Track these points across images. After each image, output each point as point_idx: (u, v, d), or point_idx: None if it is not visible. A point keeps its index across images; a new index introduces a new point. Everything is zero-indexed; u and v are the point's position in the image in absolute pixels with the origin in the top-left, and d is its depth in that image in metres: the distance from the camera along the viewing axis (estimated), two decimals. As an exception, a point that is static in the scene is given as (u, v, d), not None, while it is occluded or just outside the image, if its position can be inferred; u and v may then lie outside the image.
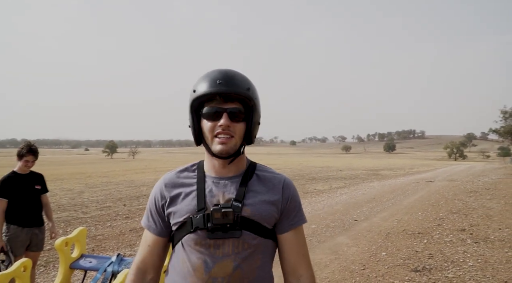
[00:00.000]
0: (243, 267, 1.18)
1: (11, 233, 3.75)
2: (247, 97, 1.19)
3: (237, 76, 1.21)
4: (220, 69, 1.23)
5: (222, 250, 1.18)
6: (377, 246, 6.34)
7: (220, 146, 1.18)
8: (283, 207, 1.26)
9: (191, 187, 1.27)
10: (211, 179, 1.27)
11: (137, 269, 1.31)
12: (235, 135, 1.19)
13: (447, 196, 12.94)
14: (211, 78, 1.19)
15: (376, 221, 8.54)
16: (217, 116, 1.18)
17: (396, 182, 19.94)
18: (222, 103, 1.18)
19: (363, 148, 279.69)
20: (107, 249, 6.44)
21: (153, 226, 1.31)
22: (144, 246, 1.33)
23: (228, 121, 1.17)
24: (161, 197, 1.30)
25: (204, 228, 1.18)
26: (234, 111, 1.18)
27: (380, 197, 13.10)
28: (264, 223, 1.22)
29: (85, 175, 26.29)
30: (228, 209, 1.16)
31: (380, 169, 34.36)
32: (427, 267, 5.24)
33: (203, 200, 1.22)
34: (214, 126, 1.18)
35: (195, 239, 1.20)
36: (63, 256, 2.68)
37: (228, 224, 1.16)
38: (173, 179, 1.32)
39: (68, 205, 11.56)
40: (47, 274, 5.18)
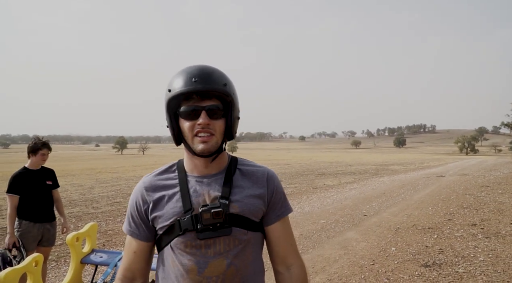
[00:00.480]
0: (236, 264, 1.17)
1: (23, 228, 3.80)
2: (225, 93, 1.16)
3: (213, 72, 1.18)
4: (195, 65, 1.20)
5: (213, 249, 1.16)
6: (387, 241, 6.31)
7: (202, 145, 1.15)
8: (269, 199, 1.25)
9: (174, 189, 1.23)
10: (194, 179, 1.23)
11: (124, 277, 1.26)
12: (215, 133, 1.16)
13: (458, 191, 12.81)
14: (186, 76, 1.15)
15: (386, 216, 8.50)
16: (195, 114, 1.15)
17: (406, 177, 19.79)
18: (200, 101, 1.15)
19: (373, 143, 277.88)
20: (118, 244, 6.51)
21: (136, 232, 1.27)
22: (129, 253, 1.28)
23: (207, 119, 1.14)
24: (142, 202, 1.25)
25: (193, 230, 1.15)
26: (212, 109, 1.15)
27: (390, 192, 13.02)
28: (252, 218, 1.21)
29: (95, 170, 26.55)
30: (218, 208, 1.14)
31: (390, 164, 34.12)
32: (437, 262, 5.21)
33: (188, 201, 1.18)
34: (193, 125, 1.15)
35: (185, 242, 1.17)
36: (74, 251, 2.71)
37: (218, 224, 1.14)
38: (154, 182, 1.27)
39: (79, 200, 11.70)
40: (59, 269, 5.25)
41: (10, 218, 3.71)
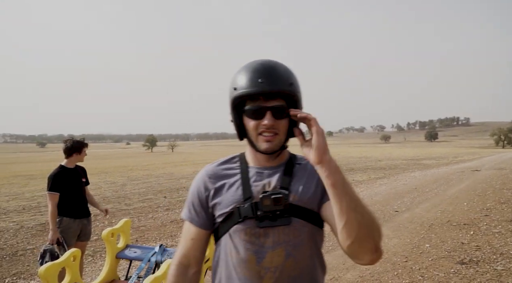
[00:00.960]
0: (295, 255, 1.15)
1: (64, 225, 3.96)
2: (290, 93, 1.16)
3: (279, 71, 1.17)
4: (260, 63, 1.19)
5: (272, 238, 1.15)
6: (420, 238, 6.16)
7: (266, 144, 1.16)
8: (322, 190, 1.21)
9: (235, 177, 1.25)
10: (255, 170, 1.25)
11: (179, 264, 1.28)
12: (279, 132, 1.17)
13: (494, 186, 12.33)
14: (251, 75, 1.15)
15: (418, 212, 8.28)
16: (260, 114, 1.15)
17: (439, 171, 19.22)
18: (265, 101, 1.15)
19: (403, 137, 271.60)
20: (150, 240, 6.65)
21: (195, 219, 1.29)
22: (187, 239, 1.29)
23: (272, 120, 1.14)
24: (204, 189, 1.28)
25: (253, 217, 1.15)
26: (277, 109, 1.15)
27: (422, 187, 12.68)
28: (313, 208, 1.19)
29: (127, 168, 27.24)
30: (278, 195, 1.13)
31: (422, 158, 33.24)
32: (474, 259, 5.04)
33: (248, 189, 1.20)
34: (258, 124, 1.16)
35: (244, 229, 1.17)
36: (110, 246, 2.79)
37: (278, 211, 1.13)
38: (216, 170, 1.30)
39: (112, 197, 12.03)
40: (95, 263, 5.42)
41: (52, 215, 3.87)
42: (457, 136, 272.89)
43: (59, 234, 3.88)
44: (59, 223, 3.95)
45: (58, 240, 3.85)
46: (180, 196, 12.04)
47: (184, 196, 11.96)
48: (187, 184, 15.23)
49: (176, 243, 6.36)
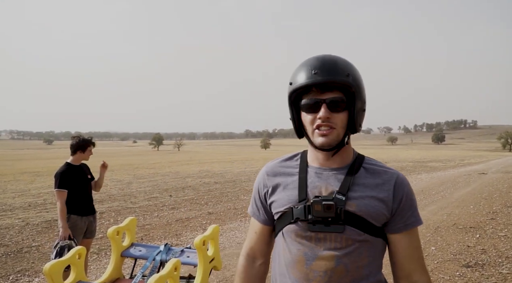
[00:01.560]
0: (346, 263, 1.11)
1: (71, 222, 3.98)
2: (347, 84, 1.10)
3: (335, 63, 1.12)
4: (316, 56, 1.16)
5: (323, 243, 1.12)
6: (426, 241, 6.12)
7: (321, 139, 1.12)
8: (395, 206, 1.15)
9: (293, 177, 1.23)
10: (314, 170, 1.21)
11: (246, 255, 1.34)
12: (336, 127, 1.12)
13: (501, 189, 12.23)
14: (306, 69, 1.12)
15: (425, 215, 8.23)
16: (316, 107, 1.12)
17: (445, 174, 19.09)
18: (320, 94, 1.11)
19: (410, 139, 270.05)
20: (155, 238, 6.68)
21: (257, 214, 1.32)
22: (252, 233, 1.34)
23: (328, 113, 1.10)
24: (263, 186, 1.29)
25: (305, 220, 1.13)
26: (333, 101, 1.11)
27: (429, 189, 12.61)
28: (371, 220, 1.12)
29: (133, 166, 27.33)
30: (330, 202, 1.09)
31: (428, 160, 33.04)
32: (480, 262, 5.00)
33: (304, 191, 1.17)
34: (314, 118, 1.12)
35: (296, 231, 1.16)
36: (115, 244, 2.79)
37: (329, 218, 1.10)
38: (275, 168, 1.29)
39: (118, 195, 12.09)
40: (99, 261, 5.45)
41: (62, 212, 3.89)
42: (464, 139, 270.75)
43: (70, 231, 3.91)
44: (67, 220, 3.97)
45: (70, 236, 3.88)
46: (186, 195, 12.07)
47: (190, 195, 12.01)
48: (193, 183, 15.27)
49: (181, 242, 6.39)
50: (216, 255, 2.74)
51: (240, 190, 13.32)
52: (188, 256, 2.81)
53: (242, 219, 8.25)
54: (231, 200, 11.05)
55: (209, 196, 11.73)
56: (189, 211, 9.21)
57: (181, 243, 6.27)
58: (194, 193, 12.39)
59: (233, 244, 6.19)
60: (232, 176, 18.28)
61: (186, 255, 2.82)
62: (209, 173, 20.58)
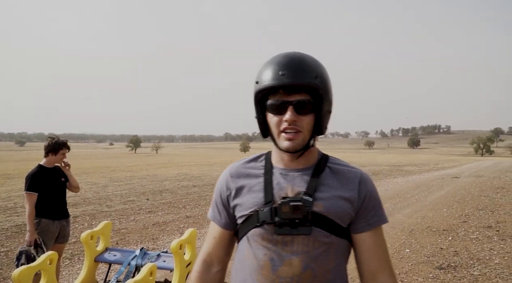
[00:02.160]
0: (313, 268, 1.07)
1: (42, 226, 3.85)
2: (315, 86, 1.07)
3: (303, 64, 1.08)
4: (284, 55, 1.12)
5: (290, 247, 1.08)
6: (401, 243, 6.24)
7: (287, 143, 1.09)
8: (359, 205, 1.14)
9: (258, 179, 1.18)
10: (279, 171, 1.18)
11: (202, 261, 1.27)
12: (303, 129, 1.09)
13: (473, 192, 12.60)
14: (274, 68, 1.08)
15: (400, 218, 8.39)
16: (282, 109, 1.08)
17: (420, 178, 19.53)
18: (287, 95, 1.08)
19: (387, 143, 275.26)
20: (131, 243, 6.56)
21: (218, 218, 1.26)
22: (210, 238, 1.28)
23: (294, 115, 1.07)
24: (226, 188, 1.24)
25: (272, 223, 1.09)
26: (300, 103, 1.07)
27: (404, 193, 12.87)
28: (338, 221, 1.10)
29: (109, 169, 26.85)
30: (298, 202, 1.06)
31: (404, 164, 33.73)
32: (452, 264, 5.13)
33: (270, 193, 1.13)
34: (280, 120, 1.09)
35: (261, 234, 1.11)
36: (89, 249, 2.74)
37: (297, 220, 1.06)
38: (240, 169, 1.25)
39: (93, 198, 11.83)
40: (72, 266, 5.31)
41: (30, 216, 3.76)
42: (438, 143, 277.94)
43: (37, 236, 3.78)
44: (37, 224, 3.84)
45: (36, 241, 3.75)
46: (163, 198, 11.93)
47: (168, 198, 11.87)
48: (171, 186, 15.11)
49: (158, 246, 6.30)
50: (193, 259, 2.71)
51: (219, 193, 13.24)
52: (165, 260, 2.78)
53: (220, 222, 8.19)
54: (209, 203, 10.95)
55: (187, 200, 11.62)
56: (166, 215, 9.09)
57: (157, 248, 6.19)
58: (171, 197, 12.26)
59: (210, 248, 6.14)
60: (211, 180, 18.18)
61: (162, 259, 2.79)
62: (187, 176, 20.41)
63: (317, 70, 1.09)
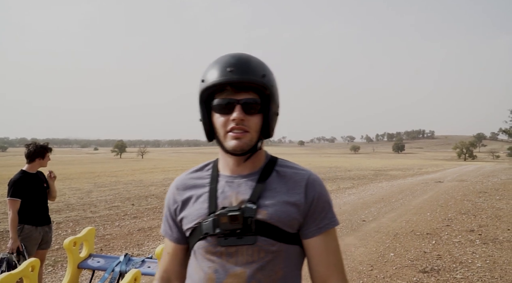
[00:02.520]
0: (259, 278, 1.03)
1: (25, 232, 3.80)
2: (263, 85, 1.03)
3: (251, 62, 1.05)
4: (231, 54, 1.08)
5: (235, 258, 1.04)
6: (385, 247, 6.31)
7: (234, 142, 1.03)
8: (307, 209, 1.08)
9: (204, 188, 1.14)
10: (225, 179, 1.13)
11: (160, 278, 1.23)
12: (250, 130, 1.04)
13: (456, 197, 12.81)
14: (221, 65, 1.04)
15: (385, 222, 8.49)
16: (229, 108, 1.03)
17: (405, 182, 19.78)
18: (234, 94, 1.03)
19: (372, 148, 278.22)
20: (115, 249, 6.49)
21: (169, 233, 1.22)
22: (165, 254, 1.24)
23: (242, 114, 1.02)
24: (173, 201, 1.20)
25: (215, 234, 1.04)
26: (248, 102, 1.03)
27: (389, 197, 13.01)
28: (284, 227, 1.05)
29: (94, 174, 26.50)
30: (236, 212, 1.01)
31: (389, 169, 34.12)
32: (435, 268, 5.20)
33: (214, 203, 1.08)
34: (227, 120, 1.04)
35: (205, 247, 1.07)
36: (72, 255, 2.70)
37: (238, 230, 1.02)
38: (185, 180, 1.20)
39: (77, 204, 11.66)
40: (55, 273, 5.22)
41: (13, 222, 3.71)
42: (422, 148, 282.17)
43: (19, 243, 3.72)
44: (20, 231, 3.78)
45: (19, 249, 3.69)
46: (149, 203, 11.82)
47: (153, 203, 11.77)
48: (156, 192, 14.99)
49: (143, 252, 6.24)
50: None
51: (205, 198, 13.19)
52: (149, 266, 2.76)
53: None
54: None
55: (173, 205, 11.54)
56: (152, 220, 9.01)
57: (142, 253, 6.13)
58: (157, 202, 12.16)
59: (196, 253, 6.11)
60: (197, 185, 18.09)
61: (147, 265, 2.77)
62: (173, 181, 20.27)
63: (264, 70, 1.07)
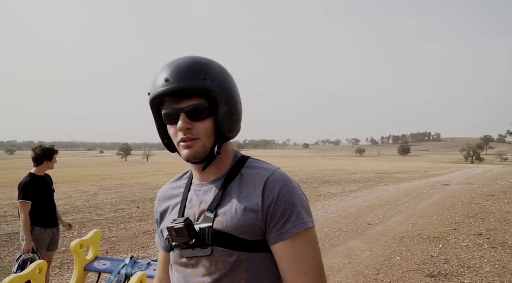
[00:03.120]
0: None
1: (36, 234, 3.86)
2: (203, 88, 0.95)
3: (189, 66, 0.97)
4: (172, 60, 1.01)
5: (196, 270, 1.01)
6: (391, 251, 6.27)
7: (186, 151, 0.98)
8: (266, 213, 0.97)
9: (178, 198, 1.12)
10: (194, 187, 1.10)
11: None
12: (200, 136, 0.98)
13: (463, 200, 12.71)
14: (158, 76, 0.98)
15: (390, 225, 8.44)
16: (175, 118, 0.97)
17: (410, 185, 19.66)
18: (177, 102, 0.97)
19: (377, 150, 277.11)
20: (121, 251, 6.50)
21: (159, 242, 1.23)
22: (158, 263, 1.26)
23: (187, 123, 0.96)
24: (156, 212, 1.21)
25: (178, 247, 1.03)
26: (191, 109, 0.96)
27: (394, 200, 12.94)
28: (242, 235, 0.97)
29: (99, 177, 26.62)
30: (180, 224, 0.96)
31: (394, 172, 33.96)
32: (443, 272, 5.16)
33: (181, 214, 1.07)
34: (176, 130, 0.99)
35: (174, 258, 1.07)
36: (78, 258, 2.71)
37: (189, 242, 0.98)
38: (165, 191, 1.19)
39: (82, 207, 11.72)
40: (62, 275, 5.24)
41: (26, 224, 3.77)
42: (428, 150, 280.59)
43: (33, 244, 3.77)
44: (30, 232, 3.84)
45: (33, 249, 3.76)
46: (154, 206, 11.83)
47: (158, 206, 11.79)
48: (161, 194, 15.01)
49: (148, 254, 6.25)
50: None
51: (210, 201, 13.19)
52: (155, 269, 2.75)
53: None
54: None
55: (178, 208, 11.55)
56: (157, 223, 9.02)
57: (148, 256, 6.14)
58: (162, 205, 12.18)
59: (201, 256, 6.10)
60: (202, 187, 18.10)
61: (152, 268, 2.76)
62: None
63: (206, 71, 0.97)
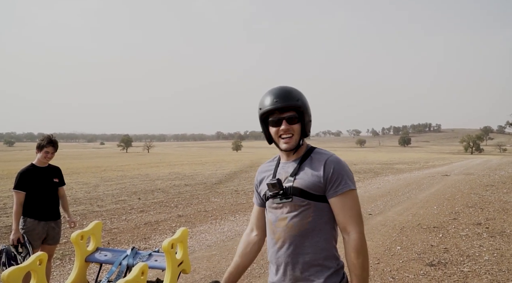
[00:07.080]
0: (295, 221, 1.66)
1: (27, 226, 3.80)
2: (297, 106, 1.68)
3: (289, 92, 1.69)
4: (277, 88, 1.72)
5: (282, 210, 1.70)
6: (392, 240, 6.29)
7: (285, 145, 1.70)
8: (326, 179, 1.64)
9: (271, 171, 1.83)
10: (282, 164, 1.80)
11: (249, 228, 1.97)
12: (294, 134, 1.69)
13: (463, 190, 12.73)
14: (270, 97, 1.69)
15: (391, 215, 8.46)
16: (278, 123, 1.69)
17: (411, 176, 19.68)
18: (281, 114, 1.69)
19: (378, 142, 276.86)
20: (122, 243, 6.53)
21: (255, 200, 1.94)
22: (253, 213, 1.97)
23: (287, 126, 1.68)
24: (256, 180, 1.93)
25: (272, 196, 1.71)
26: (290, 118, 1.68)
27: (395, 191, 12.96)
28: (310, 190, 1.64)
29: (100, 169, 26.64)
30: (273, 180, 1.69)
31: (395, 163, 33.95)
32: (442, 261, 5.18)
33: (274, 177, 1.77)
34: (278, 130, 1.70)
35: (269, 204, 1.76)
36: (79, 249, 2.71)
37: (279, 192, 1.67)
38: (263, 167, 1.91)
39: (84, 198, 11.75)
40: (63, 267, 5.27)
41: (16, 214, 3.72)
42: (428, 141, 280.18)
43: (20, 234, 3.73)
44: (22, 223, 3.79)
45: (19, 240, 3.70)
46: (155, 197, 11.88)
47: (159, 197, 11.83)
48: (162, 186, 15.05)
49: (149, 245, 6.29)
50: (185, 258, 2.70)
51: (211, 192, 13.24)
52: (156, 260, 2.75)
53: (212, 221, 8.20)
54: (202, 202, 10.96)
55: (179, 199, 11.60)
56: (158, 214, 9.06)
57: (149, 247, 6.17)
58: (163, 196, 12.22)
59: (202, 247, 6.14)
60: (203, 178, 18.14)
61: (154, 259, 2.76)
62: (179, 175, 20.33)
63: (298, 96, 1.71)
